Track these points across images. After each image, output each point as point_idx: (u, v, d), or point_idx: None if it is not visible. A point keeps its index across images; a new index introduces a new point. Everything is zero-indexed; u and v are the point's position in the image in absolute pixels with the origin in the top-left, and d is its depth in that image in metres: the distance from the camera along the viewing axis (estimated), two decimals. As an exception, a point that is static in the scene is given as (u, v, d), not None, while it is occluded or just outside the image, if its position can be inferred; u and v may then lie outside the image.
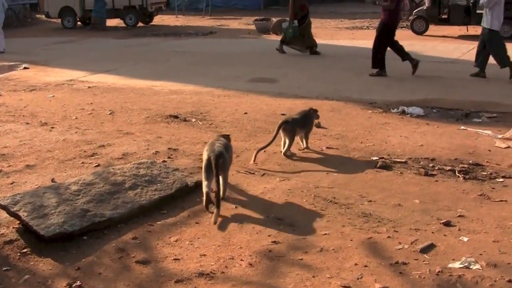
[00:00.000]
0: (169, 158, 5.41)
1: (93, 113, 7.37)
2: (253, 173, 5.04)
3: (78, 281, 3.31)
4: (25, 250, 3.67)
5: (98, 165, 5.20)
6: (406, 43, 14.53)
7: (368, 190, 4.63)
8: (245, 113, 7.23)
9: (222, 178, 4.28)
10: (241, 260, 3.53)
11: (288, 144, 5.51)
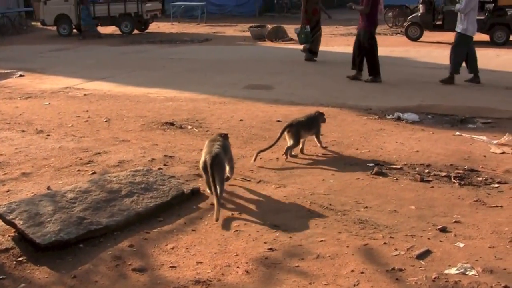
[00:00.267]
0: (165, 165, 5.41)
1: (89, 121, 7.36)
2: (249, 180, 5.05)
3: (74, 289, 3.30)
4: (21, 259, 3.66)
5: (94, 173, 5.20)
6: (401, 49, 14.77)
7: (364, 197, 4.64)
8: (241, 120, 7.25)
9: (217, 180, 4.32)
10: (237, 267, 3.53)
11: (292, 144, 5.55)
